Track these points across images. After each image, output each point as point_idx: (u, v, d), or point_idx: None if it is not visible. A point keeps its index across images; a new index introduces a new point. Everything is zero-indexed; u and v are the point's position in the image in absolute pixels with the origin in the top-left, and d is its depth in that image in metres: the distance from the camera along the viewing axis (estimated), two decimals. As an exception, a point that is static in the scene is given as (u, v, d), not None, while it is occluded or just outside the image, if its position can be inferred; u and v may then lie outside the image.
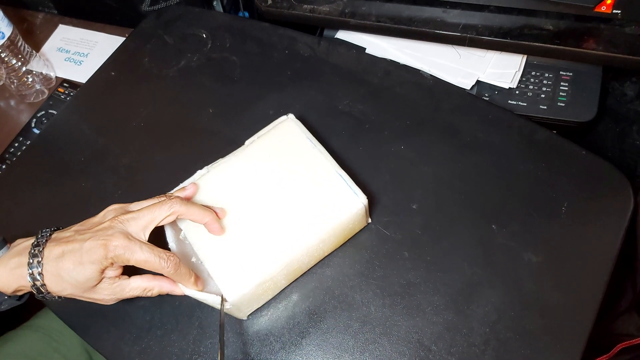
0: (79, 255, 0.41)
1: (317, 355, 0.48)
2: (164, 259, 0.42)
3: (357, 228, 0.52)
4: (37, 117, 0.76)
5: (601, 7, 0.62)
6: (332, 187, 0.49)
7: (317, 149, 0.51)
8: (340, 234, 0.50)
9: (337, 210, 0.48)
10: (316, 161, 0.50)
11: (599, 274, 0.49)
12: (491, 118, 0.60)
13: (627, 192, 0.53)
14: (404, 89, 0.63)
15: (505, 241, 0.52)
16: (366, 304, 0.50)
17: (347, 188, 0.48)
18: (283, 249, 0.46)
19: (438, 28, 0.68)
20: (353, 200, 0.48)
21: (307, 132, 0.52)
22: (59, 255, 0.41)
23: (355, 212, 0.48)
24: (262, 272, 0.46)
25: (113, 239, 0.41)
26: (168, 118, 0.64)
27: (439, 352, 0.47)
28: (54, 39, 0.88)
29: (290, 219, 0.47)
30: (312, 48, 0.68)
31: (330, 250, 0.52)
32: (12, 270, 0.42)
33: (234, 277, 0.45)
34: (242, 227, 0.47)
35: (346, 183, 0.49)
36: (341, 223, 0.48)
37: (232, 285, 0.45)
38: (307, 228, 0.47)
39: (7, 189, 0.61)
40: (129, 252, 0.41)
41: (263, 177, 0.50)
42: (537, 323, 0.47)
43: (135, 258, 0.41)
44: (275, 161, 0.50)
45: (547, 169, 0.55)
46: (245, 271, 0.46)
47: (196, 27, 0.71)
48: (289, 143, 0.51)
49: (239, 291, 0.45)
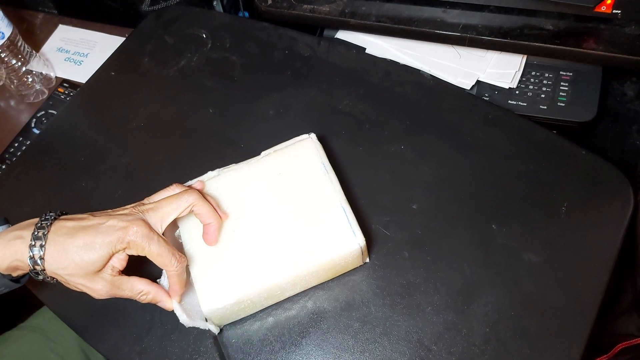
0: (94, 233, 0.40)
1: (317, 355, 0.48)
2: (175, 257, 0.42)
3: (351, 267, 0.50)
4: (37, 117, 0.76)
5: (601, 7, 0.62)
6: (333, 220, 0.47)
7: (329, 177, 0.49)
8: (330, 270, 0.48)
9: (332, 246, 0.46)
10: (324, 189, 0.49)
11: (599, 273, 0.49)
12: (491, 118, 0.60)
13: (627, 192, 0.53)
14: (404, 89, 0.63)
15: (505, 241, 0.52)
16: (366, 303, 0.50)
17: (347, 225, 0.47)
18: (269, 273, 0.46)
19: (438, 28, 0.68)
20: (350, 239, 0.46)
21: (323, 156, 0.51)
22: (71, 230, 0.41)
23: (350, 252, 0.46)
24: (242, 291, 0.45)
25: (134, 224, 0.40)
26: (168, 118, 0.64)
27: (439, 352, 0.47)
28: (54, 39, 0.88)
29: (284, 243, 0.47)
30: (312, 48, 0.68)
31: (317, 283, 0.50)
32: (8, 242, 0.40)
33: (214, 290, 0.45)
34: (236, 240, 0.47)
35: (348, 220, 0.47)
36: (333, 260, 0.46)
37: (210, 297, 0.45)
38: (298, 258, 0.46)
39: (7, 189, 0.61)
40: (147, 241, 0.41)
41: (268, 193, 0.49)
42: (537, 323, 0.47)
43: (151, 249, 0.41)
44: (285, 180, 0.50)
45: (547, 169, 0.55)
46: (226, 286, 0.45)
47: (196, 27, 0.71)
48: (303, 164, 0.50)
49: (215, 305, 0.45)
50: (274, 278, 0.45)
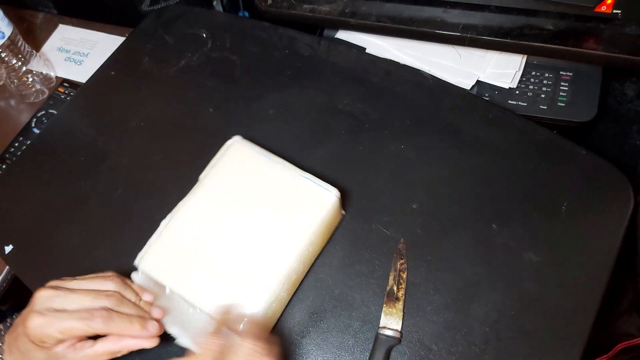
0: None
1: (317, 354, 0.48)
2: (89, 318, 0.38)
3: (336, 222, 0.53)
4: (37, 117, 0.76)
5: (601, 7, 0.62)
6: (302, 190, 0.49)
7: (275, 162, 0.51)
8: (324, 231, 0.50)
9: (315, 209, 0.48)
10: (278, 173, 0.50)
11: (599, 273, 0.49)
12: (491, 118, 0.60)
13: (627, 192, 0.53)
14: (404, 89, 0.63)
15: (506, 241, 0.52)
16: (366, 303, 0.50)
17: (316, 187, 0.49)
18: (277, 264, 0.46)
19: (438, 28, 0.68)
20: (326, 195, 0.49)
21: (258, 149, 0.52)
22: None
23: (332, 205, 0.49)
24: (266, 294, 0.45)
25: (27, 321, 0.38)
26: (168, 118, 0.64)
27: (439, 351, 0.47)
28: (54, 38, 0.88)
29: (272, 234, 0.47)
30: (312, 48, 0.68)
31: (318, 251, 0.52)
32: None
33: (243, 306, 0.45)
34: (229, 260, 0.47)
35: (314, 183, 0.49)
36: (322, 220, 0.48)
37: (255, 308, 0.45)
38: (292, 237, 0.47)
39: (7, 189, 0.61)
40: (47, 327, 0.38)
41: (230, 206, 0.49)
42: (537, 323, 0.47)
43: (56, 328, 0.38)
44: (238, 186, 0.50)
45: (547, 168, 0.55)
46: (249, 298, 0.45)
47: (196, 27, 0.71)
48: (245, 164, 0.51)
49: (254, 320, 0.44)
50: (285, 266, 0.46)
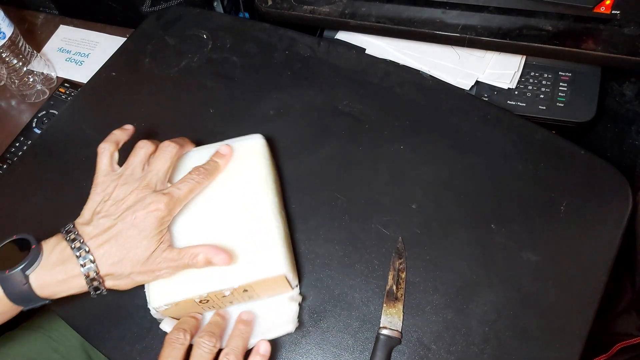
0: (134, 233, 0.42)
1: (317, 354, 0.48)
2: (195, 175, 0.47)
3: (271, 158, 0.53)
4: (38, 117, 0.77)
5: (600, 8, 0.63)
6: (236, 153, 0.51)
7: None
8: (272, 169, 0.51)
9: (254, 159, 0.50)
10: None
11: (598, 273, 0.49)
12: (490, 118, 0.60)
13: (626, 192, 0.54)
14: (403, 90, 0.63)
15: (505, 240, 0.52)
16: (366, 303, 0.50)
17: (241, 142, 0.51)
18: (265, 221, 0.47)
19: (437, 29, 0.69)
20: (254, 142, 0.51)
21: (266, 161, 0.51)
22: (106, 240, 0.42)
23: (263, 147, 0.51)
24: (280, 253, 0.45)
25: (155, 205, 0.43)
26: (168, 118, 0.64)
27: (438, 351, 0.47)
28: (55, 39, 0.88)
29: (242, 202, 0.48)
30: (312, 49, 0.68)
31: (280, 191, 0.53)
32: (62, 282, 0.41)
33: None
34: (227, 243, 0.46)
35: (238, 141, 0.51)
36: (265, 163, 0.50)
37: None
38: (257, 192, 0.48)
39: (8, 189, 0.62)
40: (174, 204, 0.44)
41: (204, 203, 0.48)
42: (536, 322, 0.48)
43: (182, 201, 0.45)
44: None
45: (546, 169, 0.56)
46: (268, 265, 0.45)
47: (197, 28, 0.72)
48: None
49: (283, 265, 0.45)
50: (271, 218, 0.47)
